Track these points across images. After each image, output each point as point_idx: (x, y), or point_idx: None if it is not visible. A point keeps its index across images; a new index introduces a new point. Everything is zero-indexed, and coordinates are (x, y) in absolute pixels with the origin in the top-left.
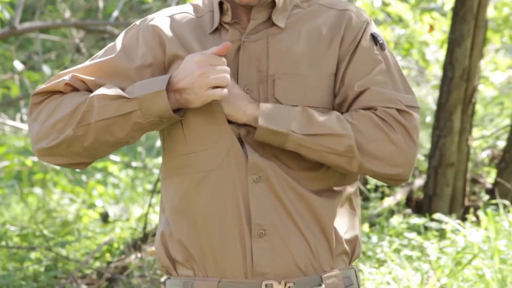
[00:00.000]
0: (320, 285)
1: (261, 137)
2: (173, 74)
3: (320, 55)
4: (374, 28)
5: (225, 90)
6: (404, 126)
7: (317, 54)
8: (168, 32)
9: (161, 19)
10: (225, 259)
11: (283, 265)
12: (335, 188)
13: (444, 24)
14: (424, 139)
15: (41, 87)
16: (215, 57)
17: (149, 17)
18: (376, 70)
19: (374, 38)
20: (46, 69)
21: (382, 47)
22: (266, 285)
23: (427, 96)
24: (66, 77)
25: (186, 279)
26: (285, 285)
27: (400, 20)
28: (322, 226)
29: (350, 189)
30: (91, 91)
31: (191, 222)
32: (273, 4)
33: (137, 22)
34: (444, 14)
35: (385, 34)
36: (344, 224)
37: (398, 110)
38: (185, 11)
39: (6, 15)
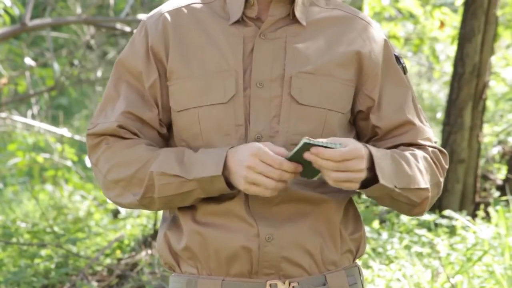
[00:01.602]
0: (324, 284)
1: (374, 192)
2: (229, 151)
3: (338, 59)
4: (392, 46)
5: (269, 192)
6: (445, 171)
7: (335, 58)
8: (175, 33)
9: (168, 17)
10: (230, 261)
11: (287, 265)
12: (339, 189)
13: (454, 20)
14: (435, 135)
15: (94, 128)
16: (270, 156)
17: (156, 13)
18: (408, 99)
19: (397, 59)
20: (56, 66)
21: (404, 70)
22: (270, 284)
23: (438, 92)
24: (114, 119)
25: (190, 277)
26: (289, 284)
27: (410, 16)
28: (327, 226)
29: (352, 189)
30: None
31: (198, 222)
32: (291, 0)
33: (145, 18)
34: (455, 10)
35: (396, 30)
36: (348, 223)
37: (440, 151)
38: (192, 1)
39: (17, 11)
